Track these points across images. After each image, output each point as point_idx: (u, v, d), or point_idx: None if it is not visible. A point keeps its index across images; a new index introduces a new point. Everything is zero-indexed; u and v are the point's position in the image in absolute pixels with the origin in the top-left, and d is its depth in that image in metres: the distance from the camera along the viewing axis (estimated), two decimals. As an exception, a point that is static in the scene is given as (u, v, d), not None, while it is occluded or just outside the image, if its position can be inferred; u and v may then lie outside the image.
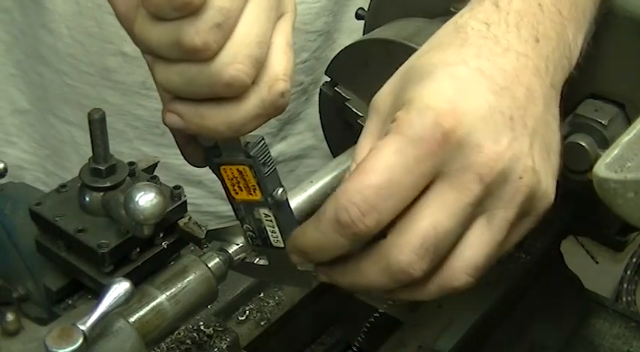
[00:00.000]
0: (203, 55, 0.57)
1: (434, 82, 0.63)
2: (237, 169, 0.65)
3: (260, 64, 0.60)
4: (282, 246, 0.68)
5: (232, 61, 0.57)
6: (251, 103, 0.60)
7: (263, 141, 0.65)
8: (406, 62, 0.69)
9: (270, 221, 0.67)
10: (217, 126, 0.61)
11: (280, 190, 0.66)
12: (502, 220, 0.63)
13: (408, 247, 0.60)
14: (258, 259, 0.71)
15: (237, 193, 0.67)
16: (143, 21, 0.58)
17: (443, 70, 0.64)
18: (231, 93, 0.59)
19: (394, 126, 0.62)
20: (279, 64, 0.61)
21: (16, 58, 1.14)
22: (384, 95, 0.68)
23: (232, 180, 0.66)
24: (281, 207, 0.66)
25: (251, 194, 0.66)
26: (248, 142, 0.64)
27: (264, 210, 0.67)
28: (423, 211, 0.61)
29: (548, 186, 0.65)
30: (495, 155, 0.61)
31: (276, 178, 0.66)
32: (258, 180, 0.65)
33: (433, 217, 0.61)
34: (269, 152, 0.65)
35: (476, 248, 0.63)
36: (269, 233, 0.68)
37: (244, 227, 0.69)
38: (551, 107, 0.68)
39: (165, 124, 0.63)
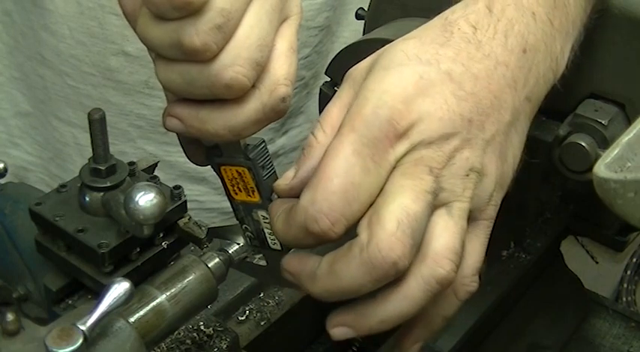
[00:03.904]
0: (203, 56, 0.57)
1: (399, 76, 0.63)
2: (237, 170, 0.66)
3: (261, 67, 0.60)
4: (279, 248, 0.68)
5: (232, 64, 0.57)
6: (252, 107, 0.61)
7: (263, 144, 0.65)
8: (392, 42, 0.68)
9: (268, 223, 0.67)
10: (218, 130, 0.61)
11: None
12: (459, 210, 0.63)
13: (385, 233, 0.59)
14: (257, 259, 0.71)
15: (236, 194, 0.67)
16: (145, 20, 0.58)
17: (412, 67, 0.63)
18: (231, 95, 0.59)
19: (350, 118, 0.61)
20: (281, 69, 0.61)
21: (18, 60, 1.14)
22: (361, 67, 0.67)
23: (232, 180, 0.67)
24: None
25: (250, 195, 0.67)
26: (248, 144, 0.64)
27: (262, 212, 0.67)
28: (388, 198, 0.60)
29: (495, 192, 0.65)
30: (442, 152, 0.62)
31: (274, 180, 0.66)
32: (256, 183, 0.65)
33: (400, 201, 0.60)
34: (269, 155, 0.65)
35: (446, 233, 0.62)
36: (267, 235, 0.68)
37: (243, 227, 0.69)
38: (519, 121, 0.68)
39: (165, 128, 0.63)
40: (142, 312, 0.63)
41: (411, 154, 0.61)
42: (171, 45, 0.57)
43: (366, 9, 0.97)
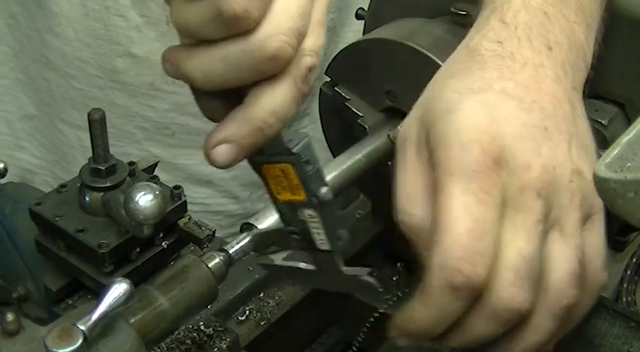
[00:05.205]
0: (244, 24, 0.54)
1: (465, 113, 0.63)
2: (280, 168, 0.62)
3: (302, 37, 0.58)
4: (328, 248, 0.65)
5: (276, 33, 0.55)
6: (285, 84, 0.58)
7: (307, 139, 0.62)
8: (427, 90, 0.69)
9: (315, 222, 0.64)
10: (265, 119, 0.58)
11: (325, 189, 0.62)
12: (572, 226, 0.63)
13: (504, 283, 0.60)
14: (303, 264, 0.68)
15: (279, 193, 0.64)
16: (179, 4, 0.56)
17: (470, 98, 0.64)
18: (277, 68, 0.57)
19: (443, 169, 0.62)
20: (306, 41, 0.59)
21: (23, 63, 1.14)
22: (409, 124, 0.68)
23: (275, 178, 0.63)
24: (326, 206, 0.63)
25: (294, 194, 0.63)
26: (290, 139, 0.61)
27: (308, 211, 0.64)
28: (502, 243, 0.61)
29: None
30: (542, 168, 0.62)
31: (321, 177, 0.63)
32: (301, 179, 0.62)
33: (514, 245, 0.61)
34: (313, 149, 0.62)
35: (563, 257, 0.63)
36: (314, 235, 0.65)
37: (289, 229, 0.66)
38: (577, 108, 0.69)
39: (217, 166, 0.59)
40: (142, 312, 0.63)
41: (513, 182, 0.62)
42: (211, 19, 0.54)
43: (366, 9, 0.97)
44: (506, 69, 0.66)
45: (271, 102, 0.58)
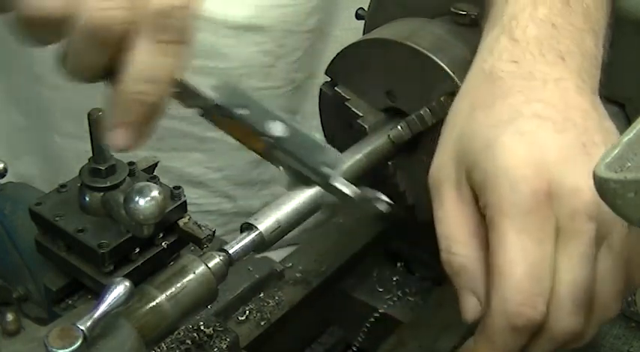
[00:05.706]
0: (52, 21, 0.52)
1: (504, 148, 0.63)
2: (223, 120, 0.60)
3: None
4: (318, 181, 0.63)
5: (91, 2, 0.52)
6: (140, 43, 0.53)
7: (228, 83, 0.59)
8: (452, 123, 0.69)
9: (291, 158, 0.61)
10: (138, 88, 0.54)
11: (274, 124, 0.59)
12: (619, 239, 0.63)
13: (564, 313, 0.62)
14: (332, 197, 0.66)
15: (246, 142, 0.61)
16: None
17: (505, 130, 0.64)
18: (115, 34, 0.53)
19: (495, 210, 0.62)
20: None
21: (12, 79, 1.14)
22: (443, 164, 0.68)
23: (232, 131, 0.61)
24: (287, 142, 0.60)
25: (253, 140, 0.61)
26: (216, 91, 0.58)
27: (276, 152, 0.61)
28: (558, 271, 0.62)
29: None
30: (590, 188, 0.61)
31: (265, 115, 0.59)
32: (244, 126, 0.59)
33: (570, 274, 0.61)
34: (243, 92, 0.59)
35: (610, 277, 0.63)
36: (300, 170, 0.62)
37: (280, 169, 0.64)
38: (601, 112, 0.69)
39: (123, 151, 0.58)
40: (142, 312, 0.63)
41: (565, 207, 0.62)
42: (23, 27, 0.53)
43: (365, 9, 0.97)
44: (530, 91, 0.66)
45: (135, 68, 0.54)
